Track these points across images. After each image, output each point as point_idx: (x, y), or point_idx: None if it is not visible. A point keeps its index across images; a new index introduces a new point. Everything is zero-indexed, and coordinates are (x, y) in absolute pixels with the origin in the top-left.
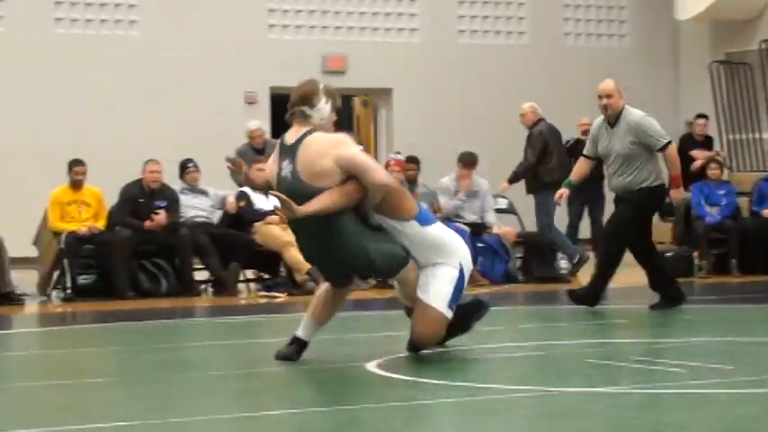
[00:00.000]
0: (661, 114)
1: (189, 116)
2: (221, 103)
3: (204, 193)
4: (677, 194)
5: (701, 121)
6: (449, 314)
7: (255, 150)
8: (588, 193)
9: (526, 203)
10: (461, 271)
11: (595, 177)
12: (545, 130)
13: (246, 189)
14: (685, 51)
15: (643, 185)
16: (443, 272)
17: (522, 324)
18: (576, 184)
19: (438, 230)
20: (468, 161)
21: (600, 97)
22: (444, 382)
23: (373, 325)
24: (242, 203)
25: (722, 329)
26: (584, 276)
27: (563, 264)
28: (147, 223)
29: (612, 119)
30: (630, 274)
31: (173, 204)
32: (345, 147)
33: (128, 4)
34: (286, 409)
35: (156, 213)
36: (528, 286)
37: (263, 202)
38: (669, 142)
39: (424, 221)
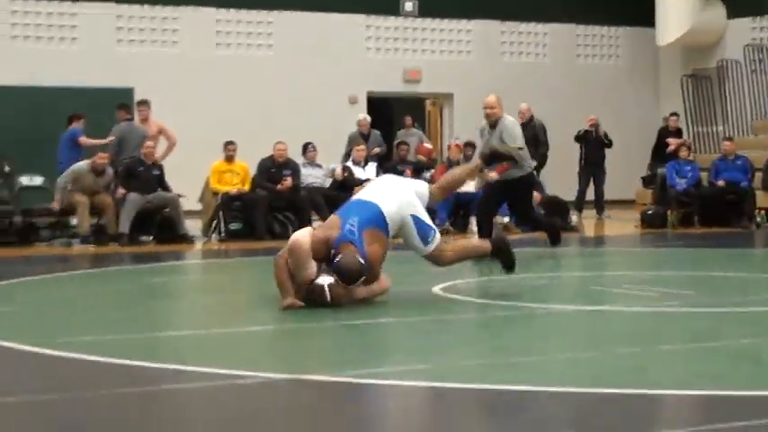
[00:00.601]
0: (645, 113)
1: (309, 111)
2: (331, 102)
3: (319, 166)
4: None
5: (674, 117)
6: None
7: (362, 135)
8: (594, 168)
9: (549, 174)
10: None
11: (601, 157)
12: (537, 124)
13: (349, 163)
14: (663, 68)
15: (515, 176)
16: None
17: (544, 261)
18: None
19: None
20: None
21: (485, 108)
22: (484, 301)
23: None
24: (346, 174)
25: (686, 266)
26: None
27: (573, 219)
28: (278, 186)
29: (492, 123)
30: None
31: (295, 173)
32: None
33: (267, 32)
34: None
35: (284, 179)
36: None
37: (360, 173)
38: (521, 147)
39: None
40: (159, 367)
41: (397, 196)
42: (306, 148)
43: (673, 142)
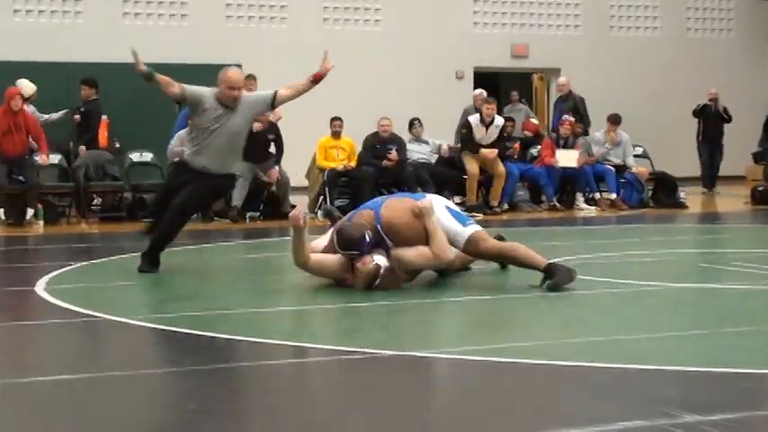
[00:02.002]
0: (757, 87)
1: (416, 87)
2: (438, 78)
3: (425, 142)
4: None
5: None
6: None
7: (477, 110)
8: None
9: (657, 150)
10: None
11: (719, 132)
12: (577, 98)
13: (474, 117)
14: None
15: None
16: None
17: (653, 237)
18: None
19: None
20: (614, 119)
21: (232, 88)
22: (592, 278)
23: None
24: (456, 146)
25: None
26: None
27: (682, 195)
28: (383, 162)
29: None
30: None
31: (401, 147)
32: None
33: (374, 8)
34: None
35: (389, 154)
36: (657, 211)
37: (482, 132)
38: None
39: None
40: (269, 342)
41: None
42: (412, 123)
43: None
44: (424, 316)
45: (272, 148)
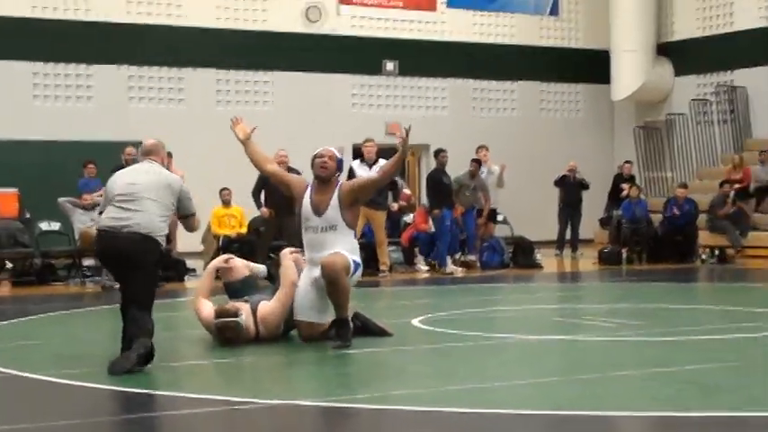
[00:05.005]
0: (602, 161)
1: (302, 161)
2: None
3: None
4: None
5: (628, 164)
6: (351, 264)
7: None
8: (571, 210)
9: (516, 216)
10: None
11: (578, 200)
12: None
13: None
14: (618, 120)
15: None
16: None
17: (513, 295)
18: None
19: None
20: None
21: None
22: (461, 331)
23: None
24: None
25: (639, 299)
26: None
27: (538, 256)
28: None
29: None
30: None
31: None
32: None
33: (263, 90)
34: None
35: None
36: (516, 271)
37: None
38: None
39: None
40: (162, 395)
41: None
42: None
43: (626, 187)
44: (314, 367)
45: None
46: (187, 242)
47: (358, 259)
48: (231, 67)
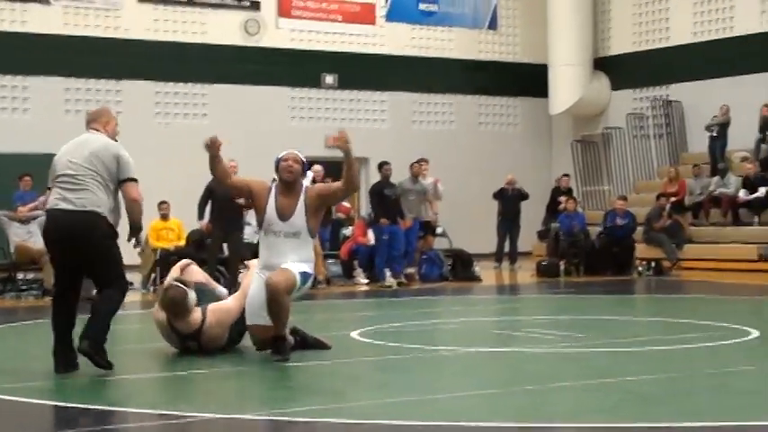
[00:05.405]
0: (540, 174)
1: (241, 174)
2: (260, 166)
3: (249, 224)
4: None
5: (565, 177)
6: (298, 280)
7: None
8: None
9: (455, 229)
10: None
11: (517, 212)
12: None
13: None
14: (555, 134)
15: None
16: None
17: (453, 307)
18: None
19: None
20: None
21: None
22: (402, 344)
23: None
24: None
25: (578, 311)
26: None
27: (477, 269)
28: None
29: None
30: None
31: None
32: None
33: (202, 103)
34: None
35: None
36: (455, 284)
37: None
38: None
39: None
40: (101, 409)
41: None
42: (246, 209)
43: (563, 200)
44: (256, 381)
45: None
46: (124, 255)
47: (310, 270)
48: (169, 79)
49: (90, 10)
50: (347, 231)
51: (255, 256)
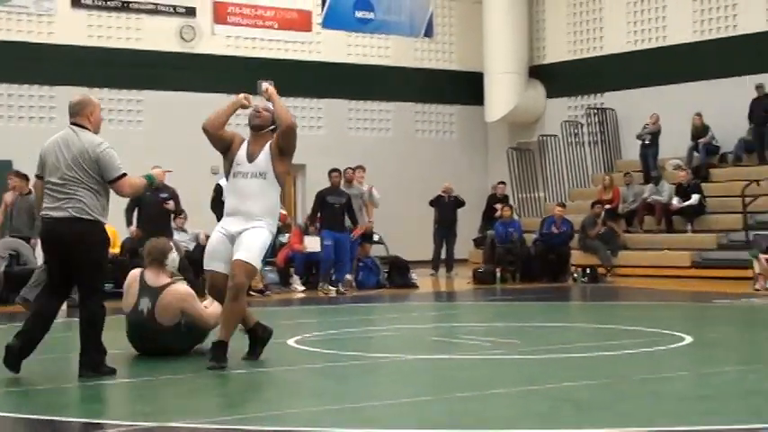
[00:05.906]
0: (476, 181)
1: (175, 180)
2: (195, 173)
3: (185, 231)
4: None
5: (501, 185)
6: (258, 263)
7: None
8: (446, 230)
9: (392, 236)
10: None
11: (453, 220)
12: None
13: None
14: (491, 141)
15: None
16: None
17: (389, 314)
18: None
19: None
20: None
21: None
22: (338, 352)
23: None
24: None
25: (514, 318)
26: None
27: (413, 276)
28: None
29: None
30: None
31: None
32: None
33: (137, 109)
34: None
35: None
36: (392, 291)
37: None
38: None
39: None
40: (38, 419)
41: None
42: (175, 215)
43: (499, 207)
44: (188, 389)
45: None
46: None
47: (271, 228)
48: (103, 85)
49: (23, 15)
50: (284, 238)
51: (191, 263)
